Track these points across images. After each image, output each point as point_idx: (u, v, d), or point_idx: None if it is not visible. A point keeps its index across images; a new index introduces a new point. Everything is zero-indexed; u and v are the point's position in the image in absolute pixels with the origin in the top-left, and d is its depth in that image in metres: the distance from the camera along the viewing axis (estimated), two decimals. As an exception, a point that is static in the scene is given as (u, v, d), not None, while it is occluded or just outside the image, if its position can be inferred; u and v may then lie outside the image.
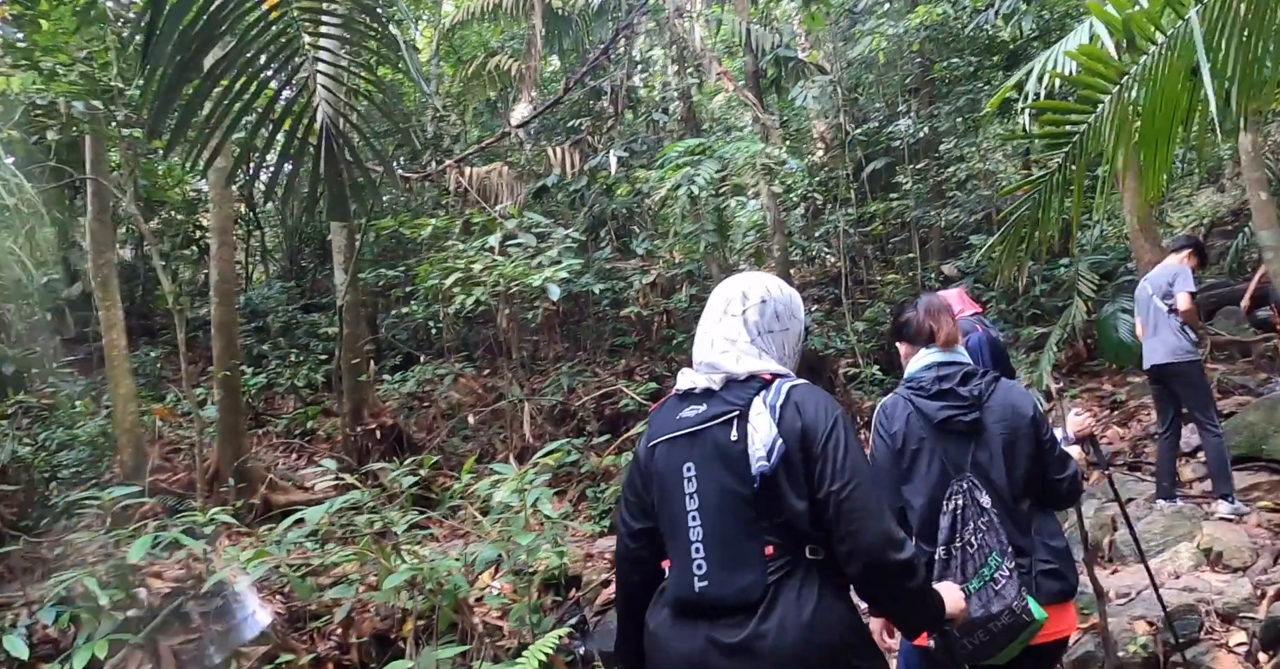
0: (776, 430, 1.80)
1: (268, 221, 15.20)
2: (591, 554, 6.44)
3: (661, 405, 2.10)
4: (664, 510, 1.97)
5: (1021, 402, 2.49)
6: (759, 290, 2.06)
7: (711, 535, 1.86)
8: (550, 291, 7.13)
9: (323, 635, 5.70)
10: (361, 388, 8.90)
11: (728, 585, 1.82)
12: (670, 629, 1.91)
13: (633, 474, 2.10)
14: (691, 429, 1.92)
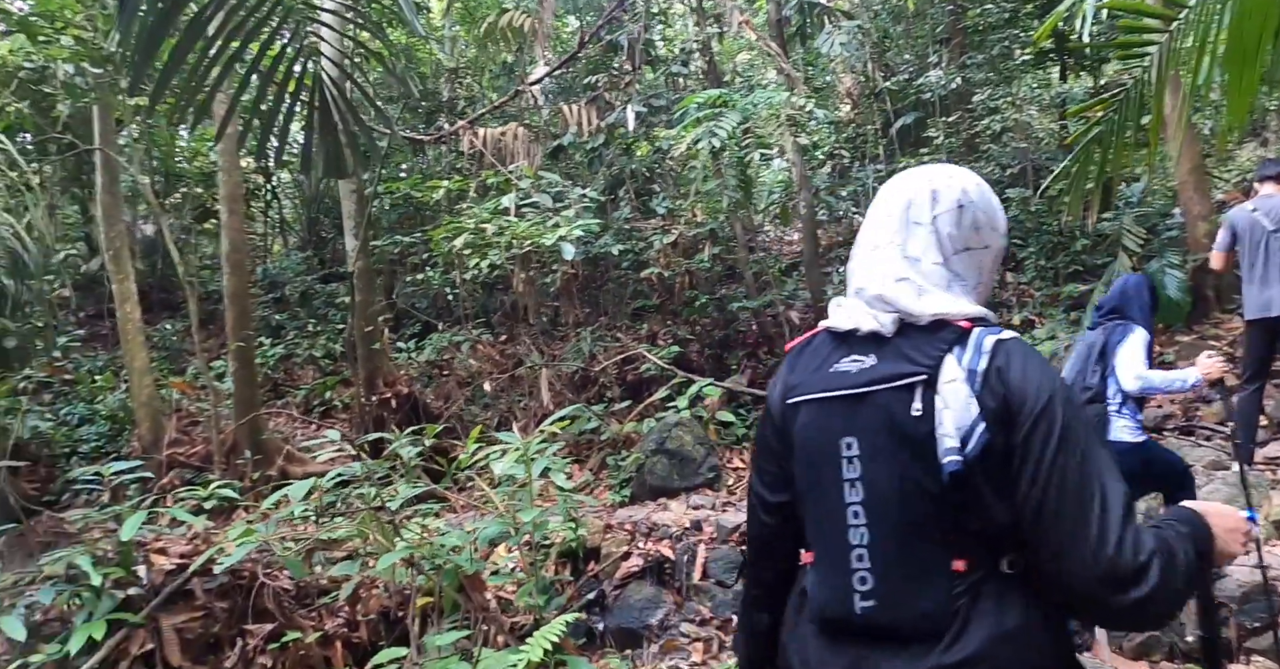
0: (978, 408, 1.32)
1: (285, 193, 14.88)
2: (611, 525, 6.08)
3: (804, 344, 1.58)
4: (811, 494, 1.50)
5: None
6: (953, 190, 1.50)
7: (882, 541, 1.39)
8: (565, 251, 6.72)
9: (330, 612, 5.43)
10: (376, 356, 8.58)
11: (903, 609, 1.37)
12: (817, 652, 1.47)
13: (765, 433, 1.61)
14: (854, 390, 1.42)
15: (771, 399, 1.60)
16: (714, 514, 6.23)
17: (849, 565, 1.41)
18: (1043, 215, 9.57)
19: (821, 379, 1.47)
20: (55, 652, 4.35)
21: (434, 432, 4.42)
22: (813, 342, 1.57)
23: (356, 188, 8.54)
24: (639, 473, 6.87)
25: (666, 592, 5.54)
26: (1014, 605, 1.34)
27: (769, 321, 9.05)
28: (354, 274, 8.38)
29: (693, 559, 5.66)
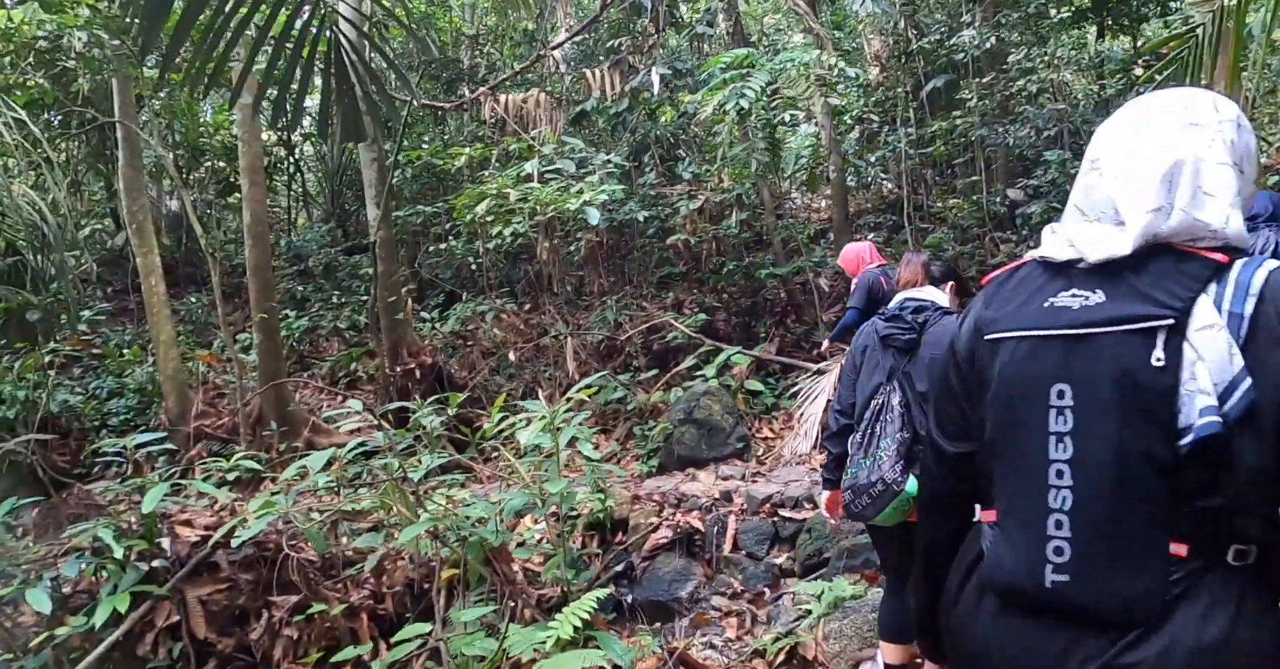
0: (1242, 360, 1.09)
1: (307, 166, 14.75)
2: (639, 496, 5.92)
3: (1006, 276, 1.39)
4: (1005, 445, 1.30)
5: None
6: (1230, 106, 1.27)
7: (1088, 509, 1.19)
8: (589, 216, 6.50)
9: (356, 584, 5.34)
10: (399, 326, 8.44)
11: (1102, 588, 1.18)
12: (988, 624, 1.30)
13: (946, 374, 1.42)
14: (1074, 331, 1.21)
15: (959, 335, 1.40)
16: (744, 485, 6.05)
17: (1043, 531, 1.23)
18: (1083, 177, 9.16)
19: (1032, 314, 1.27)
20: (81, 624, 4.28)
21: (457, 401, 4.25)
22: (1016, 273, 1.37)
23: (377, 157, 8.35)
24: (667, 443, 6.70)
25: (696, 564, 5.39)
26: (1233, 600, 1.13)
27: (797, 289, 8.80)
28: (376, 244, 8.21)
29: (723, 531, 5.49)
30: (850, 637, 3.61)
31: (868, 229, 11.52)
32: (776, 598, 4.84)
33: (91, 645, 4.30)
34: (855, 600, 3.79)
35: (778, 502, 5.59)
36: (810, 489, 5.71)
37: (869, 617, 3.68)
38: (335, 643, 4.98)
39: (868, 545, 4.64)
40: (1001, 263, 10.40)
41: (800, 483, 5.93)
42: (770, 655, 3.47)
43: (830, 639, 3.62)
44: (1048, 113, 11.05)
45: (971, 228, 11.02)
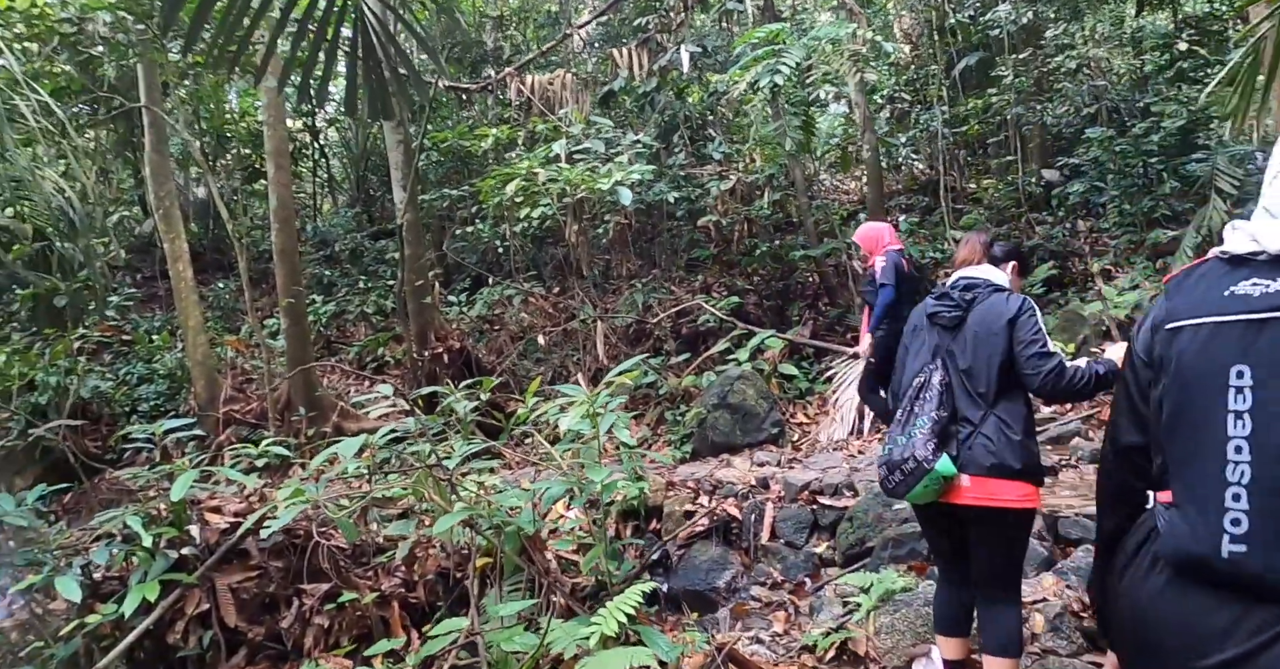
0: None
1: (333, 152, 14.64)
2: (674, 483, 5.75)
3: (1188, 273, 1.47)
4: (1182, 425, 1.38)
5: (1004, 307, 2.76)
6: None
7: (1266, 482, 1.26)
8: (622, 196, 6.32)
9: (387, 572, 5.24)
10: (426, 310, 8.32)
11: (1278, 559, 1.24)
12: (1158, 597, 1.39)
13: (1133, 366, 1.51)
14: (1255, 315, 1.30)
15: (1141, 331, 1.51)
16: (780, 471, 5.87)
17: (1221, 504, 1.30)
18: (1128, 156, 8.83)
19: (1212, 302, 1.37)
20: (111, 612, 4.19)
21: (490, 386, 4.10)
22: (1197, 269, 1.45)
23: (403, 139, 8.19)
24: (700, 428, 6.53)
25: (734, 552, 5.22)
26: None
27: (830, 271, 8.56)
28: (402, 227, 8.08)
29: (760, 519, 5.31)
30: (903, 632, 3.43)
31: (900, 210, 11.24)
32: (818, 588, 4.67)
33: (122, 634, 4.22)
34: (906, 593, 3.61)
35: (816, 489, 5.41)
36: (850, 476, 5.52)
37: (921, 610, 3.50)
38: (367, 631, 4.87)
39: (914, 535, 4.45)
40: (1038, 245, 10.12)
41: (839, 470, 5.74)
42: (820, 651, 3.30)
43: (882, 634, 3.45)
44: (1087, 89, 10.72)
45: (1008, 209, 10.72)
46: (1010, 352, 2.70)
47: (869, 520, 4.80)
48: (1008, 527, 2.71)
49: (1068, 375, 2.60)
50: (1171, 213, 8.89)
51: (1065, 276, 9.35)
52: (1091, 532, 4.13)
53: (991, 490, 2.65)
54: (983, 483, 2.66)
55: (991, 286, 2.86)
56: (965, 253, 3.03)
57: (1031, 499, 2.66)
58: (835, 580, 4.62)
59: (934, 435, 2.68)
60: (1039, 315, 2.75)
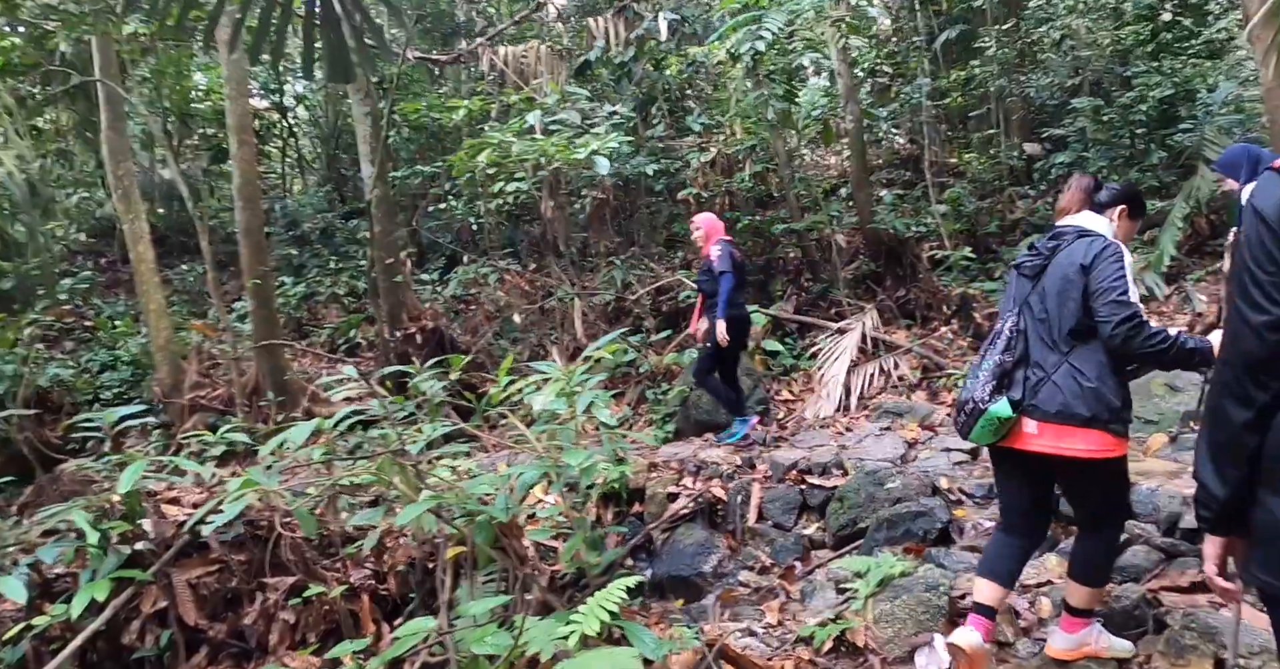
0: None
1: (302, 130, 14.15)
2: (656, 464, 5.49)
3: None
4: None
5: (1081, 252, 2.68)
6: None
7: None
8: (599, 165, 6.02)
9: (356, 563, 4.95)
10: (398, 290, 7.97)
11: None
12: None
13: (1259, 238, 1.50)
14: None
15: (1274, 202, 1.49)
16: (766, 450, 5.62)
17: None
18: (1116, 126, 8.62)
19: None
20: (60, 613, 3.87)
21: (459, 364, 3.81)
22: None
23: (371, 111, 7.81)
24: (683, 407, 6.26)
25: (719, 536, 4.97)
26: None
27: (813, 246, 8.30)
28: (371, 204, 7.72)
29: (747, 500, 5.07)
30: (904, 620, 3.19)
31: (882, 185, 10.99)
32: (809, 572, 4.43)
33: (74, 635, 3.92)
34: (905, 578, 3.37)
35: (804, 468, 5.17)
36: (838, 454, 5.29)
37: (922, 596, 3.27)
38: (334, 626, 4.60)
39: (907, 515, 4.22)
40: (1020, 219, 9.93)
41: (827, 448, 5.51)
42: (818, 643, 3.06)
43: (881, 622, 3.21)
44: (1070, 61, 10.50)
45: (990, 182, 10.52)
46: (1085, 298, 2.63)
47: (860, 500, 4.57)
48: (1088, 476, 2.67)
49: (1146, 332, 2.51)
50: (1160, 183, 8.70)
51: (1049, 250, 9.16)
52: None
53: (1058, 438, 2.60)
54: (1049, 429, 2.61)
55: (1081, 233, 2.76)
56: (1064, 202, 2.93)
57: (1110, 449, 2.57)
58: (828, 564, 4.40)
59: (993, 377, 2.70)
60: (1125, 261, 2.63)
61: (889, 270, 7.96)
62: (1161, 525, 3.67)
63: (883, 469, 4.73)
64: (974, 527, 4.12)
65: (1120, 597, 3.16)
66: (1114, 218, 2.88)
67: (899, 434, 5.55)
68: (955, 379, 6.64)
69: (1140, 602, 3.16)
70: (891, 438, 5.50)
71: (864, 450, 5.31)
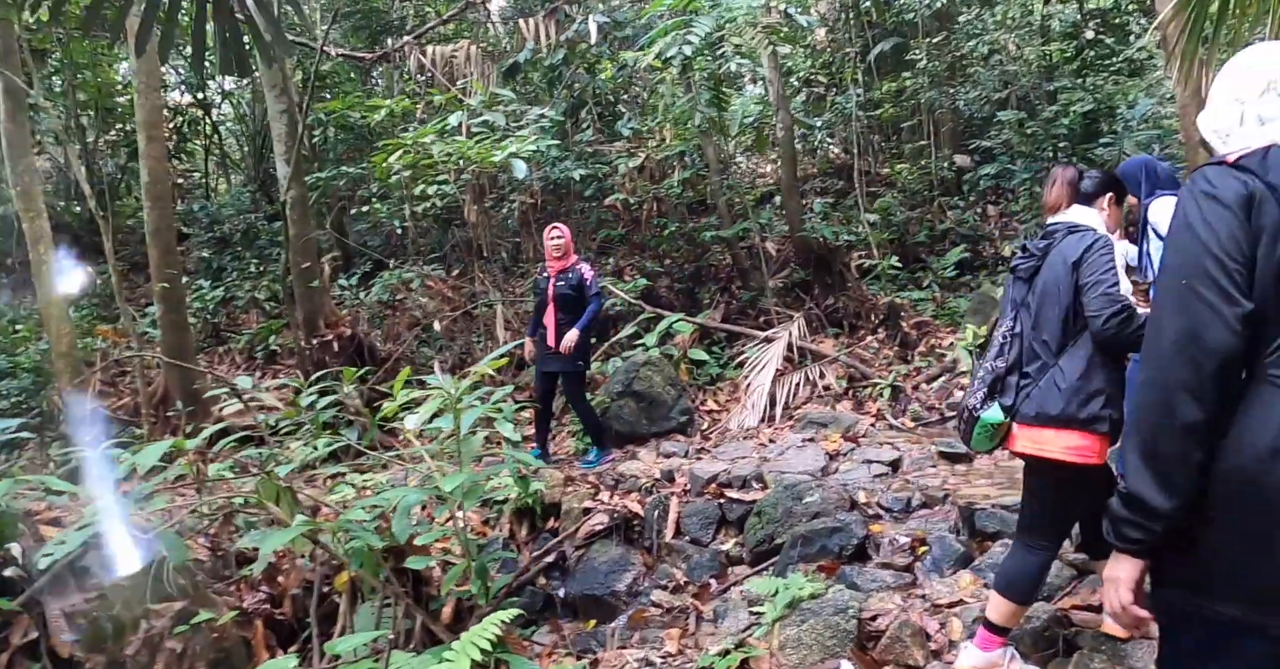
0: None
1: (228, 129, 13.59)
2: (572, 478, 5.28)
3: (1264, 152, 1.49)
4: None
5: (1071, 249, 2.61)
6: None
7: None
8: (516, 169, 5.79)
9: (251, 587, 4.64)
10: (315, 295, 7.62)
11: None
12: None
13: (1227, 227, 1.44)
14: None
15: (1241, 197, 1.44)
16: (687, 463, 5.45)
17: None
18: (1039, 139, 8.70)
19: None
20: (-92, 649, 3.49)
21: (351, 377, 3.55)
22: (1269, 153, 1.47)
23: (287, 108, 7.45)
24: (603, 418, 6.05)
25: (636, 552, 4.78)
26: None
27: (743, 254, 8.17)
28: (286, 204, 7.36)
29: (664, 515, 4.88)
30: (810, 646, 3.04)
31: (815, 194, 10.96)
32: (724, 590, 4.26)
33: (-75, 672, 3.56)
34: (815, 600, 3.22)
35: (724, 482, 5.01)
36: (760, 466, 5.14)
37: (831, 620, 3.11)
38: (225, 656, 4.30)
39: (823, 531, 4.08)
40: (949, 229, 9.99)
41: (749, 460, 5.36)
42: (717, 673, 2.88)
43: (787, 649, 3.04)
44: (998, 75, 10.61)
45: (920, 192, 10.56)
46: (1076, 294, 2.56)
47: (778, 515, 4.42)
48: (1057, 482, 2.60)
49: (1136, 323, 2.44)
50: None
51: (976, 260, 9.23)
52: (1010, 524, 3.80)
53: (1036, 439, 2.56)
54: (1027, 431, 2.58)
55: (1069, 228, 2.69)
56: (1052, 198, 2.81)
57: (1085, 454, 2.48)
58: (742, 582, 4.23)
59: (984, 384, 2.68)
60: (1113, 254, 2.55)
61: (818, 279, 7.88)
62: (1074, 540, 3.59)
63: (802, 483, 4.59)
64: (890, 542, 4.00)
65: (1031, 617, 3.05)
66: (1103, 207, 2.79)
67: (821, 445, 5.43)
68: (880, 388, 6.57)
69: (1051, 622, 3.05)
70: (813, 449, 5.37)
71: (785, 462, 5.17)
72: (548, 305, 5.60)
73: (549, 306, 5.59)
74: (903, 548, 3.92)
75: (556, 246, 5.63)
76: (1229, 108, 1.61)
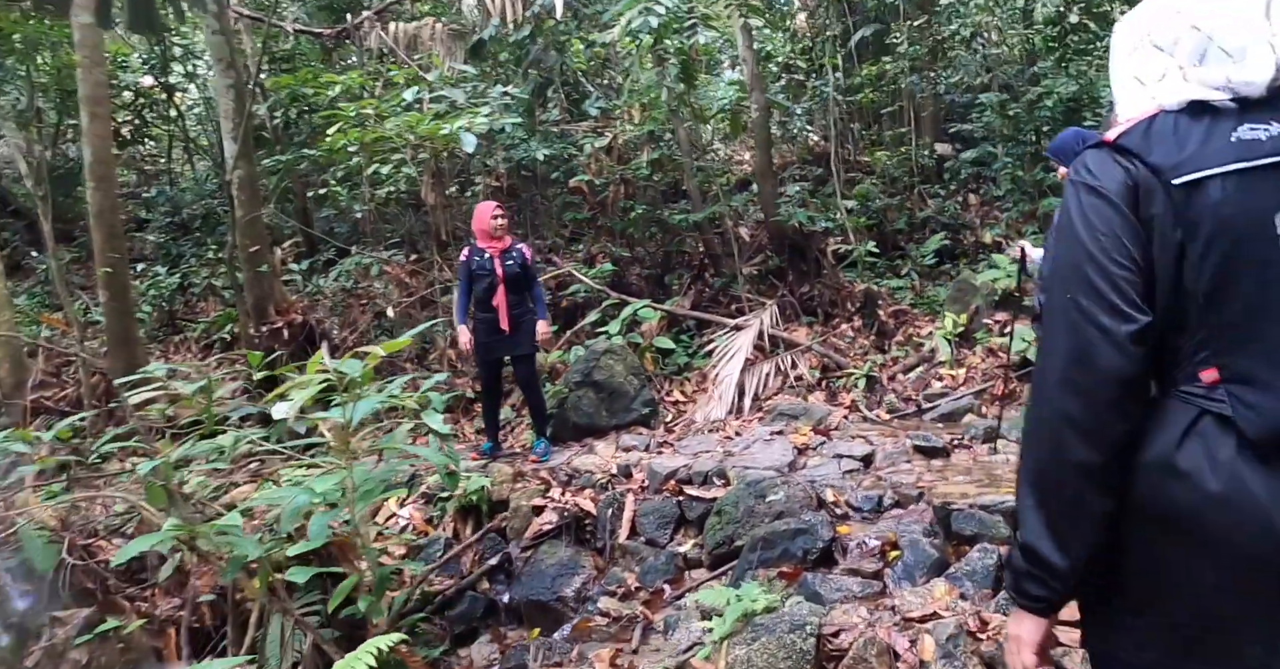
0: None
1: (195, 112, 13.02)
2: (523, 472, 4.85)
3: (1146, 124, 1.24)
4: (1229, 287, 1.15)
5: None
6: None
7: None
8: (465, 142, 5.36)
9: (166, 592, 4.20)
10: (264, 281, 7.15)
11: None
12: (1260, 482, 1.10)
13: (1109, 226, 1.20)
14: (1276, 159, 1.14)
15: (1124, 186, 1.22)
16: (647, 457, 5.03)
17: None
18: (1021, 121, 8.31)
19: (1224, 151, 1.18)
20: None
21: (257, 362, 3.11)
22: (1154, 123, 1.25)
23: (234, 83, 6.96)
24: (561, 409, 5.63)
25: (587, 553, 4.37)
26: None
27: (715, 240, 7.74)
28: (231, 184, 6.89)
29: (619, 513, 4.47)
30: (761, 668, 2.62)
31: (794, 181, 10.55)
32: (679, 596, 3.85)
33: None
34: (770, 615, 2.81)
35: (684, 478, 4.59)
36: (722, 461, 4.73)
37: (786, 638, 2.70)
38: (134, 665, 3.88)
39: (786, 533, 3.67)
40: (930, 217, 9.61)
41: (712, 455, 4.94)
42: (651, 703, 2.48)
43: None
44: (980, 59, 10.23)
45: (900, 179, 10.16)
46: None
47: (738, 515, 4.01)
48: None
49: None
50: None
51: (957, 248, 8.86)
52: (990, 526, 3.41)
53: None
54: None
55: None
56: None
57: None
58: (698, 588, 3.82)
59: None
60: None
61: (793, 265, 7.46)
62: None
63: (766, 479, 4.18)
64: (859, 545, 3.59)
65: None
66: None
67: (790, 439, 5.02)
68: (855, 378, 6.17)
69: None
70: (781, 443, 4.96)
71: (751, 457, 4.76)
72: (497, 287, 5.17)
73: (499, 288, 5.17)
74: (872, 552, 3.51)
75: (503, 226, 5.21)
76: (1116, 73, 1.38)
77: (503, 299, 5.16)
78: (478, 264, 5.24)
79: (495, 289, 5.18)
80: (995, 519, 3.36)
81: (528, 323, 5.21)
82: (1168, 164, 1.19)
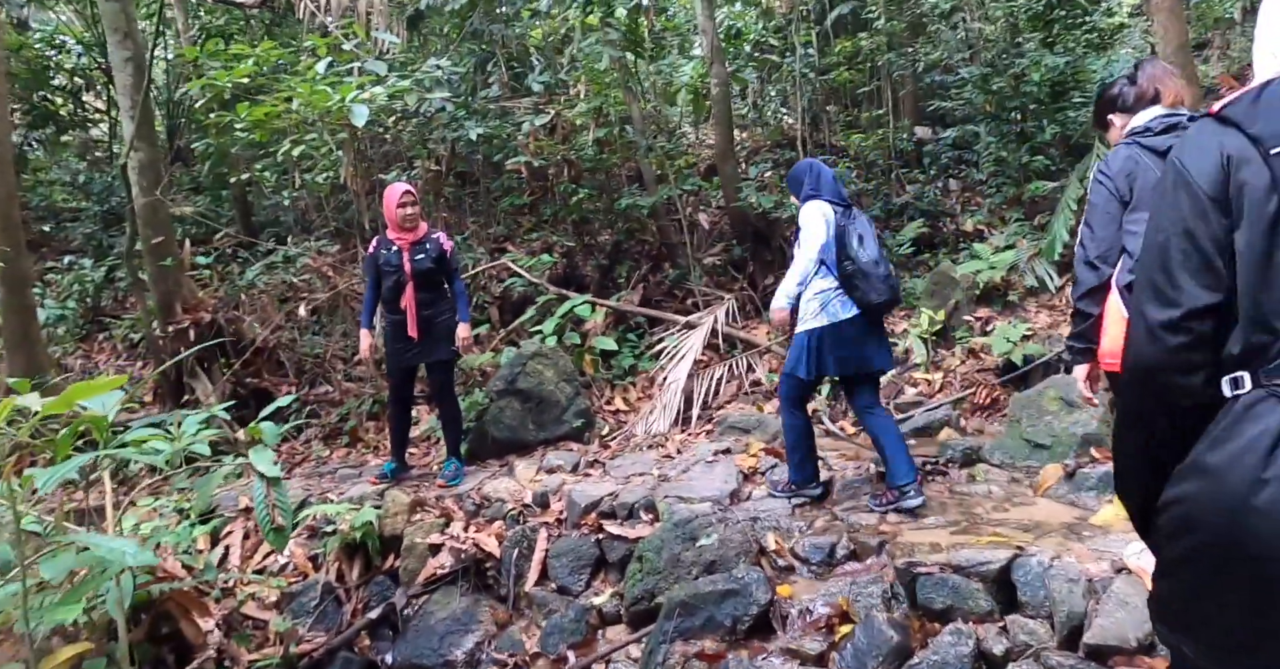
0: None
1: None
2: (423, 501, 4.01)
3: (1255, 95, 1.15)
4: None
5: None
6: None
7: None
8: (355, 115, 4.53)
9: None
10: (169, 276, 6.29)
11: None
12: None
13: (1180, 205, 1.14)
14: None
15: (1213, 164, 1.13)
16: (571, 481, 4.20)
17: None
18: (1005, 97, 7.46)
19: None
20: None
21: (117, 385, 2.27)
22: (1264, 92, 1.16)
23: (133, 55, 6.06)
24: (479, 423, 4.79)
25: (486, 603, 3.56)
26: None
27: (672, 227, 6.88)
28: (126, 167, 6.02)
29: (528, 553, 3.65)
30: None
31: (766, 164, 9.69)
32: (585, 667, 3.03)
33: None
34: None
35: (607, 510, 3.78)
36: (654, 489, 3.89)
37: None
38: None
39: (714, 595, 2.86)
40: (907, 203, 8.77)
41: (644, 480, 4.11)
42: None
43: None
44: (961, 34, 9.37)
45: (877, 163, 9.32)
46: None
47: (661, 563, 3.20)
48: None
49: None
50: (1052, 162, 7.57)
51: (936, 237, 8.03)
52: (966, 597, 2.58)
53: None
54: None
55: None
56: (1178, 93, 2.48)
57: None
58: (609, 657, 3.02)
59: None
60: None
61: (755, 255, 6.62)
62: (1059, 629, 2.36)
63: (699, 517, 3.36)
64: (802, 613, 2.78)
65: None
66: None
67: (736, 461, 4.18)
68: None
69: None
70: (725, 466, 4.13)
71: (688, 484, 3.92)
72: (405, 285, 4.31)
73: (407, 286, 4.31)
74: (818, 624, 2.70)
75: (411, 217, 4.33)
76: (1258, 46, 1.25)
77: (411, 299, 4.31)
78: (384, 258, 4.39)
79: (403, 287, 4.33)
80: (973, 587, 2.53)
81: (442, 325, 4.38)
82: (1268, 133, 1.11)
